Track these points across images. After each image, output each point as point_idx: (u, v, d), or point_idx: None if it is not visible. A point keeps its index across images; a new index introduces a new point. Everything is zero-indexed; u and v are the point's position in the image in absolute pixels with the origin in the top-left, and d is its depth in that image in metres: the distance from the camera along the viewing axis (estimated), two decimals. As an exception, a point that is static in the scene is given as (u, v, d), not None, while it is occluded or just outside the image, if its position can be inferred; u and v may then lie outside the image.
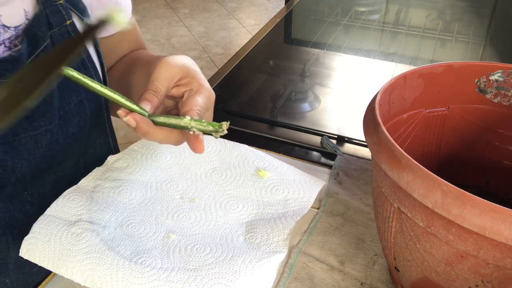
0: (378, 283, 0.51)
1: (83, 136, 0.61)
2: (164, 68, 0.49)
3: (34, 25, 0.51)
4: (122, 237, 0.51)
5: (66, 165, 0.60)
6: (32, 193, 0.57)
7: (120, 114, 0.45)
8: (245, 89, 0.96)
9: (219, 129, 0.45)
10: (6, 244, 0.56)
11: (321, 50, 1.15)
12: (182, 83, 0.51)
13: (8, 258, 0.57)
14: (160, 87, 0.48)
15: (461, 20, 1.32)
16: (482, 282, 0.36)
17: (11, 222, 0.55)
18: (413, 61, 1.09)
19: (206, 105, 0.50)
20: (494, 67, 0.51)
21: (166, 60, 0.50)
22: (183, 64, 0.51)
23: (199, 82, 0.51)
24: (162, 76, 0.49)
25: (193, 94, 0.49)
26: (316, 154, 0.75)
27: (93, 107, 0.61)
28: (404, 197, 0.38)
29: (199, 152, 0.46)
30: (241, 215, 0.56)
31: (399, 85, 0.49)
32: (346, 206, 0.61)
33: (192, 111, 0.47)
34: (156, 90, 0.48)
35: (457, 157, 0.56)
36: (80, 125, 0.59)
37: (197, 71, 0.52)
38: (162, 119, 0.46)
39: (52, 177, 0.59)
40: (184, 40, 3.10)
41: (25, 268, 0.59)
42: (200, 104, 0.48)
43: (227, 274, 0.47)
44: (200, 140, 0.46)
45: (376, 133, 0.41)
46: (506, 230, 0.31)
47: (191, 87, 0.50)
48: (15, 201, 0.55)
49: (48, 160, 0.56)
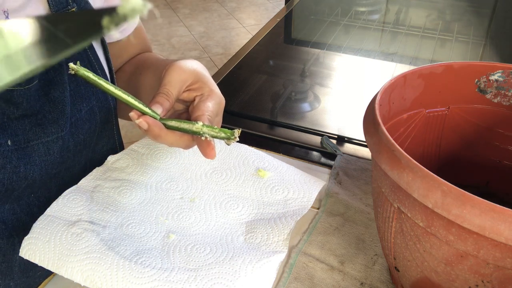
0: (378, 283, 0.51)
1: (92, 142, 0.62)
2: (176, 72, 0.49)
3: None
4: (122, 237, 0.51)
5: (74, 171, 0.61)
6: (39, 196, 0.57)
7: (132, 116, 0.45)
8: (245, 89, 0.96)
9: (231, 136, 0.45)
10: (12, 246, 0.56)
11: (321, 50, 1.15)
12: (193, 87, 0.51)
13: (14, 261, 0.57)
14: (172, 91, 0.48)
15: (461, 20, 1.32)
16: (482, 282, 0.36)
17: (18, 225, 0.55)
18: (413, 61, 1.09)
19: (216, 110, 0.50)
20: (494, 67, 0.50)
21: (178, 65, 0.50)
22: (194, 69, 0.51)
23: (210, 88, 0.51)
24: (174, 80, 0.49)
25: (204, 100, 0.49)
26: (316, 154, 0.75)
27: (103, 114, 0.61)
28: (404, 197, 0.38)
29: (210, 158, 0.46)
30: (241, 215, 0.56)
31: (399, 85, 0.49)
32: (346, 206, 0.61)
33: (203, 116, 0.47)
34: (168, 94, 0.48)
35: (457, 157, 0.56)
36: (90, 132, 0.59)
37: (208, 76, 0.52)
38: (174, 123, 0.46)
39: (59, 182, 0.59)
40: (184, 40, 3.10)
41: (29, 271, 0.59)
42: (211, 109, 0.48)
43: (227, 274, 0.47)
44: (212, 146, 0.46)
45: (376, 133, 0.41)
46: (506, 230, 0.31)
47: (202, 92, 0.51)
48: (22, 203, 0.55)
49: (58, 166, 0.56)
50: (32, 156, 0.52)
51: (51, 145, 0.53)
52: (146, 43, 0.73)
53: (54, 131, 0.53)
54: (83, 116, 0.57)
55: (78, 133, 0.57)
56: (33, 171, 0.53)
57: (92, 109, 0.59)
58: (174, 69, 0.50)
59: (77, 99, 0.56)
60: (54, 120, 0.53)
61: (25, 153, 0.51)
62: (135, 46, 0.71)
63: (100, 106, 0.60)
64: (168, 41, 3.09)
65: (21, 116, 0.51)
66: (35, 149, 0.52)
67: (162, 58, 0.66)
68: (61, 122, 0.54)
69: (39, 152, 0.53)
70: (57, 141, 0.54)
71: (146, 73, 0.63)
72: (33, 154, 0.52)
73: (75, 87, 0.56)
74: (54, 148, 0.54)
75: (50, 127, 0.53)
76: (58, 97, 0.53)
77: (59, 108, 0.53)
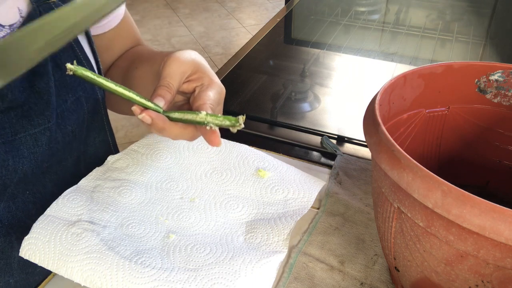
0: (378, 283, 0.51)
1: (82, 134, 0.61)
2: (175, 63, 0.49)
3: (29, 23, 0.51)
4: (122, 237, 0.51)
5: (66, 164, 0.60)
6: (34, 192, 0.57)
7: (134, 111, 0.45)
8: (245, 89, 0.96)
9: (236, 123, 0.44)
10: (10, 244, 0.56)
11: (321, 50, 1.15)
12: (192, 78, 0.51)
13: (12, 258, 0.57)
14: (173, 83, 0.48)
15: (461, 20, 1.32)
16: (482, 282, 0.36)
17: (14, 222, 0.55)
18: (413, 61, 1.09)
19: (217, 99, 0.50)
20: (494, 67, 0.50)
21: (176, 56, 0.50)
22: (193, 59, 0.51)
23: (210, 77, 0.51)
24: (173, 72, 0.49)
25: (205, 89, 0.49)
26: (316, 154, 0.75)
27: (91, 104, 0.61)
28: (404, 197, 0.38)
29: (216, 145, 0.46)
30: (241, 215, 0.56)
31: (399, 85, 0.49)
32: (346, 206, 0.61)
33: (205, 105, 0.47)
34: (169, 86, 0.48)
35: (457, 157, 0.56)
36: (78, 123, 0.59)
37: (206, 66, 0.52)
38: (177, 115, 0.46)
39: (53, 177, 0.59)
40: (184, 40, 3.10)
41: (28, 268, 0.59)
42: (212, 98, 0.48)
43: (227, 274, 0.47)
44: (217, 134, 0.46)
45: (376, 133, 0.41)
46: (506, 230, 0.31)
47: (202, 82, 0.51)
48: (17, 201, 0.55)
49: (48, 158, 0.56)
50: (20, 148, 0.52)
51: (39, 137, 0.53)
52: (136, 35, 0.73)
53: (41, 122, 0.53)
54: (69, 106, 0.57)
55: (65, 124, 0.57)
56: (22, 163, 0.52)
57: (79, 99, 0.58)
58: (173, 61, 0.49)
59: (62, 90, 0.56)
60: (40, 111, 0.53)
61: (13, 146, 0.51)
62: (124, 37, 0.71)
63: (87, 97, 0.60)
64: (168, 41, 3.09)
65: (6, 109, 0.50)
66: (23, 142, 0.52)
67: (156, 51, 0.66)
68: (47, 113, 0.53)
69: (27, 144, 0.52)
70: (44, 132, 0.54)
71: (141, 67, 0.63)
72: (21, 147, 0.52)
73: (59, 77, 0.55)
74: (42, 140, 0.54)
75: (37, 118, 0.53)
76: (43, 88, 0.53)
77: (44, 98, 0.53)
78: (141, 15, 3.47)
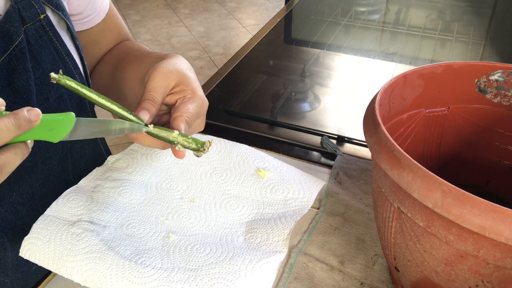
0: (378, 283, 0.51)
1: None
2: (159, 77, 0.50)
3: (7, 20, 0.50)
4: (122, 237, 0.51)
5: (52, 162, 0.60)
6: (21, 193, 0.56)
7: None
8: (245, 89, 0.96)
9: (201, 148, 0.48)
10: (3, 245, 0.56)
11: (321, 50, 1.15)
12: (175, 90, 0.51)
13: (6, 258, 0.56)
14: (157, 97, 0.49)
15: (461, 20, 1.32)
16: (482, 282, 0.36)
17: (4, 224, 0.55)
18: (413, 61, 1.09)
19: (197, 112, 0.50)
20: (494, 67, 0.51)
21: (161, 69, 0.50)
22: (177, 71, 0.51)
23: (193, 90, 0.51)
24: (158, 86, 0.50)
25: (186, 101, 0.50)
26: (316, 154, 0.75)
27: (75, 102, 0.61)
28: (404, 197, 0.38)
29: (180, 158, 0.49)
30: (241, 215, 0.56)
31: (399, 85, 0.49)
32: (346, 206, 0.61)
33: (181, 117, 0.48)
34: (154, 100, 0.49)
35: (457, 157, 0.56)
36: None
37: (191, 77, 0.53)
38: (155, 131, 0.48)
39: (40, 176, 0.58)
40: (184, 40, 3.10)
41: (23, 267, 0.59)
42: (190, 111, 0.49)
43: (227, 274, 0.47)
44: (183, 153, 0.48)
45: (376, 133, 0.41)
46: (506, 230, 0.31)
47: (184, 95, 0.51)
48: (5, 203, 0.55)
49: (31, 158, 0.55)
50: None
51: None
52: (122, 28, 0.73)
53: None
54: (51, 104, 0.56)
55: None
56: None
57: (61, 97, 0.58)
58: (158, 75, 0.50)
59: (43, 87, 0.55)
60: None
61: None
62: (111, 31, 0.70)
63: (70, 94, 0.59)
64: (168, 41, 3.09)
65: None
66: None
67: (146, 51, 0.66)
68: None
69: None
70: None
71: (129, 67, 0.63)
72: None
73: (40, 75, 0.55)
74: None
75: None
76: (22, 86, 0.52)
77: (24, 97, 0.53)
78: (141, 15, 3.47)
